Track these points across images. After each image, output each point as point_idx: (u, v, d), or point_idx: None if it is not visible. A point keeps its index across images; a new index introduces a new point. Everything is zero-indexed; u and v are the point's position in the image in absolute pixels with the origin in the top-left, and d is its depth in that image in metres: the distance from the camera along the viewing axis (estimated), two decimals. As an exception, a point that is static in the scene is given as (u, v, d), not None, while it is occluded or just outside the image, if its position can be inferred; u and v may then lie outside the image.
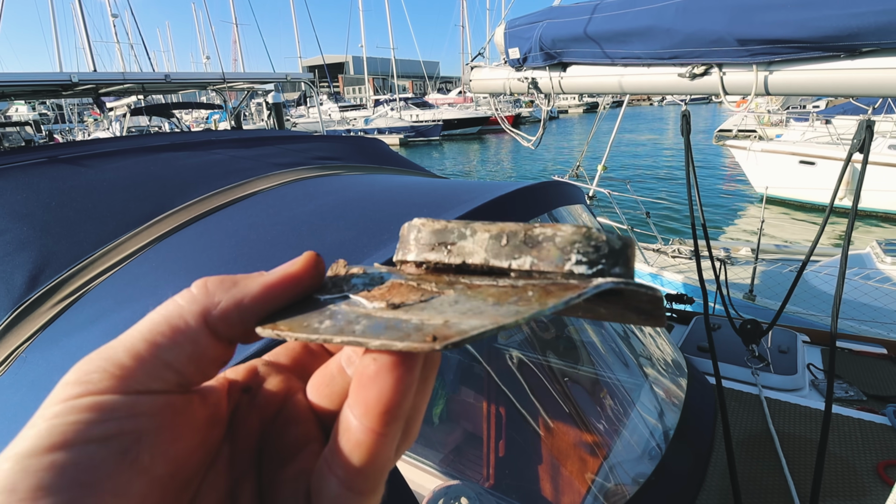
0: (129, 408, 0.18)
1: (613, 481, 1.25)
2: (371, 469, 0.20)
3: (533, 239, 0.21)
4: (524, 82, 2.24)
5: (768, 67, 1.50)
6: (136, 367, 0.19)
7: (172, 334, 0.20)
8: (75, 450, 0.17)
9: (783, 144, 9.59)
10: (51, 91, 2.56)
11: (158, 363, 0.20)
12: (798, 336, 2.06)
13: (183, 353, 0.20)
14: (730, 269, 4.14)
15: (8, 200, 1.35)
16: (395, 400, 0.19)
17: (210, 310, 0.21)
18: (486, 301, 0.19)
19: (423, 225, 0.23)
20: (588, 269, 0.20)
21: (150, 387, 0.19)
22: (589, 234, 0.20)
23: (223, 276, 0.22)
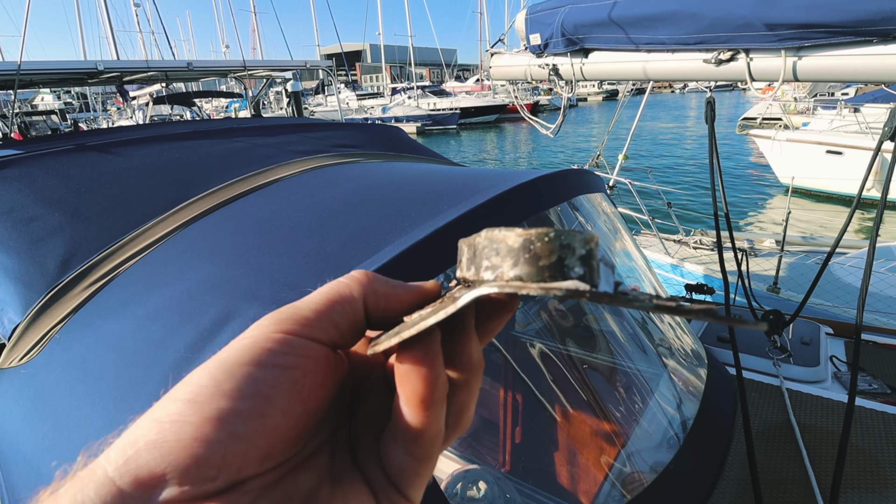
0: (305, 349, 0.23)
1: (631, 469, 1.25)
2: (423, 441, 0.24)
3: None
4: (545, 69, 2.22)
5: (797, 53, 1.46)
6: (314, 320, 0.24)
7: (343, 302, 0.25)
8: (266, 369, 0.22)
9: (809, 133, 9.33)
10: (77, 79, 2.61)
11: (329, 321, 0.25)
12: (821, 328, 2.03)
13: (346, 318, 0.25)
14: (754, 262, 4.07)
15: (40, 186, 1.39)
16: (426, 391, 0.24)
17: (370, 293, 0.26)
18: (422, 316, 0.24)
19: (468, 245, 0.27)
20: (491, 275, 0.23)
21: (320, 337, 0.24)
22: (494, 234, 0.23)
23: (380, 276, 0.28)
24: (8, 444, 0.95)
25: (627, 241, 1.80)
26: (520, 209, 1.24)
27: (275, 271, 1.00)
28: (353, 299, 0.26)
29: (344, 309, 0.25)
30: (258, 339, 0.23)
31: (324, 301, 0.25)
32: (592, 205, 1.71)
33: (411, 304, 0.28)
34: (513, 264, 0.22)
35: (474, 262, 0.24)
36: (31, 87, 2.87)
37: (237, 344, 0.23)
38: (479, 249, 0.24)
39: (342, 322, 0.25)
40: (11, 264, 1.20)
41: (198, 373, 0.22)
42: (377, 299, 0.27)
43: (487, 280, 0.23)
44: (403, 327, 0.25)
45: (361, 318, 0.26)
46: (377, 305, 0.27)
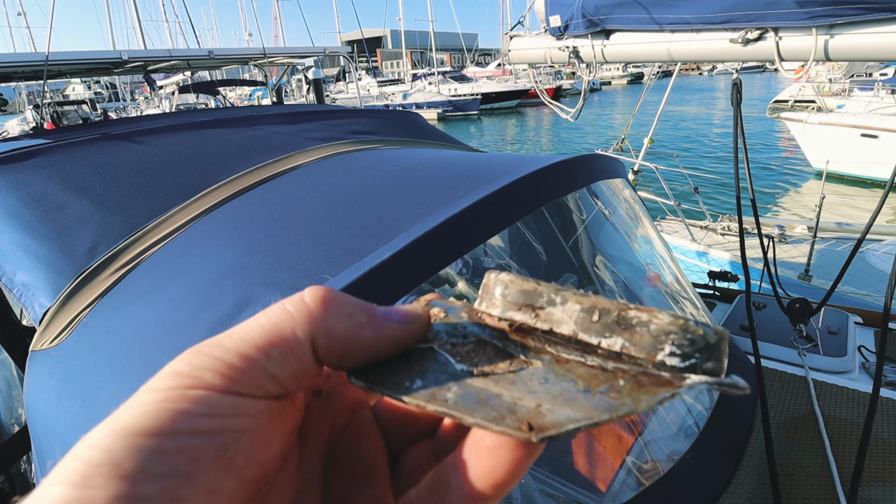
0: (235, 407, 0.19)
1: (647, 457, 1.24)
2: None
3: (626, 321, 0.20)
4: (565, 51, 2.18)
5: (829, 31, 1.40)
6: (245, 371, 0.19)
7: (283, 346, 0.20)
8: (181, 438, 0.17)
9: (843, 116, 8.96)
10: (103, 68, 2.67)
11: (265, 372, 0.20)
12: (850, 317, 1.97)
13: (289, 367, 0.20)
14: (786, 248, 3.96)
15: (68, 175, 1.43)
16: (506, 479, 0.19)
17: (322, 333, 0.21)
18: (576, 384, 0.19)
19: (512, 282, 0.23)
20: (681, 363, 0.19)
21: (252, 391, 0.19)
22: (686, 326, 0.20)
23: (340, 297, 0.22)
24: (40, 422, 0.99)
25: (648, 229, 1.77)
26: (537, 195, 1.23)
27: (292, 258, 1.01)
28: (295, 343, 0.20)
29: (283, 355, 0.20)
30: (169, 398, 0.18)
31: (256, 343, 0.20)
32: (612, 191, 1.69)
33: (380, 350, 0.22)
34: (709, 357, 0.19)
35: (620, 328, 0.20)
36: (60, 77, 2.95)
37: (138, 406, 0.18)
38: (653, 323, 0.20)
39: (283, 372, 0.20)
40: (42, 251, 1.24)
41: (88, 444, 0.17)
42: (331, 342, 0.21)
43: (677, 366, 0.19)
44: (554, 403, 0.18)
45: (309, 365, 0.21)
46: (330, 350, 0.21)
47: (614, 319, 0.21)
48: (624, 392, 0.18)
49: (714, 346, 0.20)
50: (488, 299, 0.24)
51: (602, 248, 1.79)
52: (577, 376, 0.19)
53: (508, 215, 1.13)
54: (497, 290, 0.23)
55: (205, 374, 0.19)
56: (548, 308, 0.22)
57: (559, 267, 1.94)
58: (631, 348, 0.20)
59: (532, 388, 0.19)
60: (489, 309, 0.24)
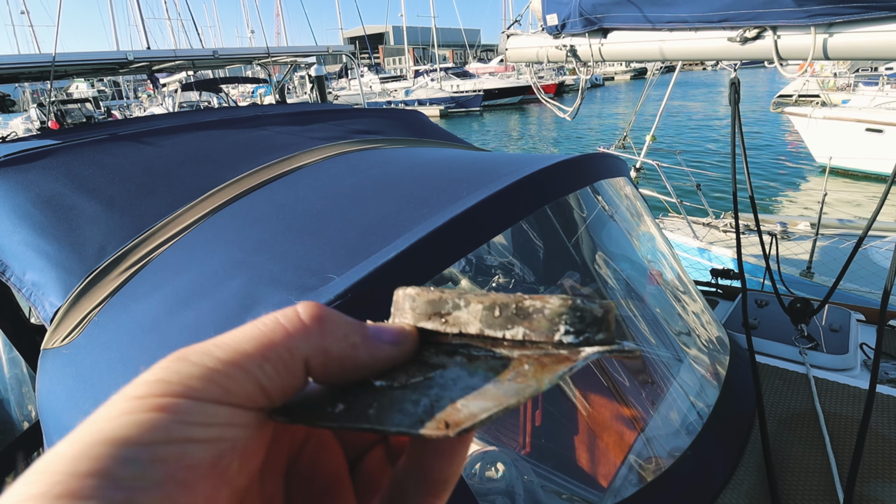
0: (230, 417, 0.18)
1: (649, 453, 1.26)
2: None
3: (524, 310, 0.22)
4: (562, 50, 2.18)
5: (828, 30, 1.40)
6: (238, 382, 0.19)
7: (276, 361, 0.20)
8: (178, 447, 0.17)
9: (848, 111, 8.90)
10: (109, 69, 2.69)
11: (258, 385, 0.19)
12: (852, 314, 1.98)
13: (280, 383, 0.20)
14: (789, 245, 3.95)
15: (77, 175, 1.45)
16: (455, 472, 0.21)
17: (318, 353, 0.21)
18: (486, 377, 0.20)
19: (418, 294, 0.24)
20: (575, 339, 0.21)
21: (243, 402, 0.19)
22: (574, 305, 0.22)
23: (335, 315, 0.22)
24: (53, 420, 1.01)
25: (650, 227, 1.78)
26: (539, 195, 1.24)
27: (298, 257, 1.03)
28: (289, 359, 0.20)
29: (276, 370, 0.20)
30: (159, 406, 0.17)
31: (250, 355, 0.19)
32: (614, 189, 1.70)
33: (373, 369, 0.22)
34: (599, 329, 0.22)
35: (521, 320, 0.22)
36: (66, 78, 2.97)
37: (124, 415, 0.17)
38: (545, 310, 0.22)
39: (271, 386, 0.20)
40: (52, 250, 1.26)
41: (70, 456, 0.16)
42: (327, 363, 0.21)
43: (572, 343, 0.21)
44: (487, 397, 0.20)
45: (299, 382, 0.21)
46: (326, 370, 0.21)
47: (513, 311, 0.22)
48: (529, 375, 0.20)
49: (602, 318, 0.22)
50: (400, 314, 0.25)
51: (604, 246, 1.80)
52: (486, 370, 0.21)
53: (512, 214, 1.14)
54: (406, 304, 0.25)
55: (195, 384, 0.18)
56: (454, 313, 0.23)
57: (561, 265, 1.95)
58: (532, 335, 0.22)
59: (446, 389, 0.20)
60: (402, 323, 0.25)
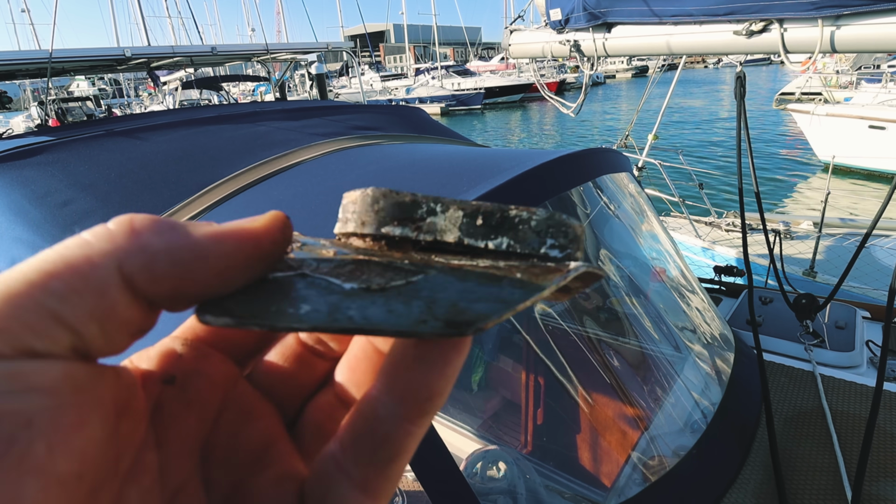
0: (14, 378, 0.13)
1: (654, 452, 1.24)
2: (396, 468, 0.17)
3: (509, 220, 0.21)
4: (566, 45, 2.16)
5: (836, 22, 1.37)
6: (12, 316, 0.13)
7: (69, 277, 0.14)
8: None
9: (850, 108, 8.86)
10: (107, 65, 2.67)
11: (44, 312, 0.14)
12: (858, 311, 1.96)
13: (82, 305, 0.14)
14: (791, 244, 3.93)
15: (72, 171, 1.43)
16: (441, 386, 0.17)
17: (135, 252, 0.15)
18: (479, 282, 0.18)
19: (385, 195, 0.21)
20: (559, 253, 0.20)
21: (33, 346, 0.13)
22: (560, 220, 0.21)
23: (156, 217, 0.16)
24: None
25: (653, 223, 1.76)
26: (542, 189, 1.23)
27: (296, 254, 1.01)
28: (90, 271, 0.14)
29: (70, 287, 0.14)
30: None
31: (27, 278, 0.14)
32: (617, 185, 1.68)
33: (228, 265, 0.17)
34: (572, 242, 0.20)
35: (497, 228, 0.20)
36: (64, 74, 2.95)
37: None
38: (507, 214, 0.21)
39: (72, 312, 0.14)
40: (47, 247, 1.24)
41: None
42: (152, 260, 0.15)
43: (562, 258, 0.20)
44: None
45: (116, 300, 0.15)
46: (153, 270, 0.15)
47: (497, 220, 0.21)
48: (524, 283, 0.18)
49: (579, 237, 0.21)
50: (355, 218, 0.22)
51: (607, 242, 1.78)
52: (476, 276, 0.18)
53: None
54: (366, 205, 0.21)
55: None
56: (429, 218, 0.21)
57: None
58: (517, 246, 0.20)
59: (438, 292, 0.17)
60: (359, 229, 0.21)
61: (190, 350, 0.20)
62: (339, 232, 0.22)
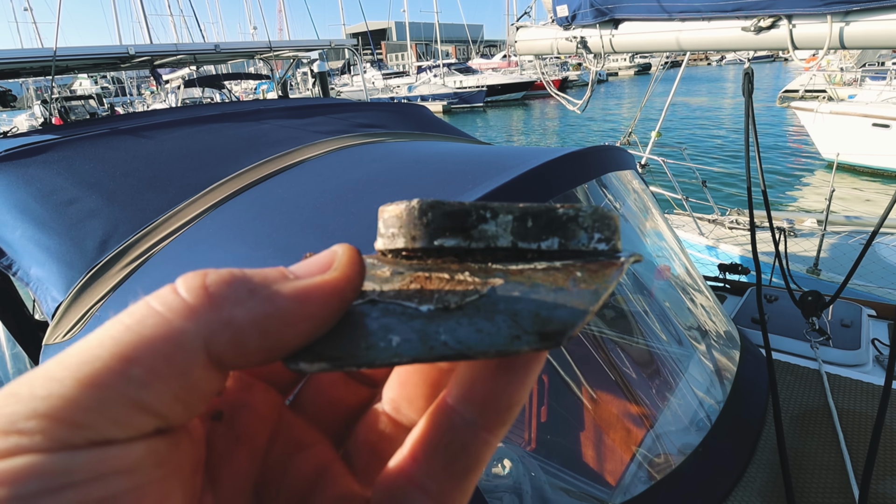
0: (93, 466, 0.12)
1: (659, 450, 1.24)
2: (471, 479, 0.16)
3: (557, 219, 0.21)
4: (572, 42, 2.15)
5: (845, 18, 1.36)
6: (93, 410, 0.13)
7: (150, 361, 0.13)
8: None
9: (854, 105, 8.82)
10: (110, 63, 2.68)
11: (127, 403, 0.13)
12: (863, 310, 1.95)
13: (167, 390, 0.14)
14: (794, 242, 3.92)
15: (78, 170, 1.43)
16: (523, 395, 0.16)
17: (219, 328, 0.14)
18: (546, 287, 0.18)
19: (433, 207, 0.21)
20: (606, 247, 0.21)
21: (114, 434, 0.13)
22: (601, 213, 0.21)
23: (231, 274, 0.16)
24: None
25: (658, 221, 1.76)
26: (546, 187, 1.22)
27: (301, 251, 1.01)
28: (170, 350, 0.14)
29: (153, 371, 0.13)
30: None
31: (106, 365, 0.13)
32: (622, 182, 1.67)
33: (312, 321, 0.16)
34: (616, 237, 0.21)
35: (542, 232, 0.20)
36: (67, 72, 2.96)
37: None
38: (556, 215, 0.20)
39: (152, 397, 0.13)
40: (53, 245, 1.25)
41: None
42: (240, 335, 0.14)
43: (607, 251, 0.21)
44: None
45: (201, 379, 0.14)
46: (243, 345, 0.15)
47: (546, 221, 0.21)
48: (589, 281, 0.18)
49: (618, 227, 0.21)
50: (404, 233, 0.21)
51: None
52: (541, 281, 0.18)
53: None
54: (415, 218, 0.21)
55: (27, 427, 0.12)
56: (480, 226, 0.21)
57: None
58: (567, 244, 0.20)
59: (514, 303, 0.17)
60: (409, 244, 0.21)
61: (234, 383, 0.19)
62: (384, 248, 0.22)
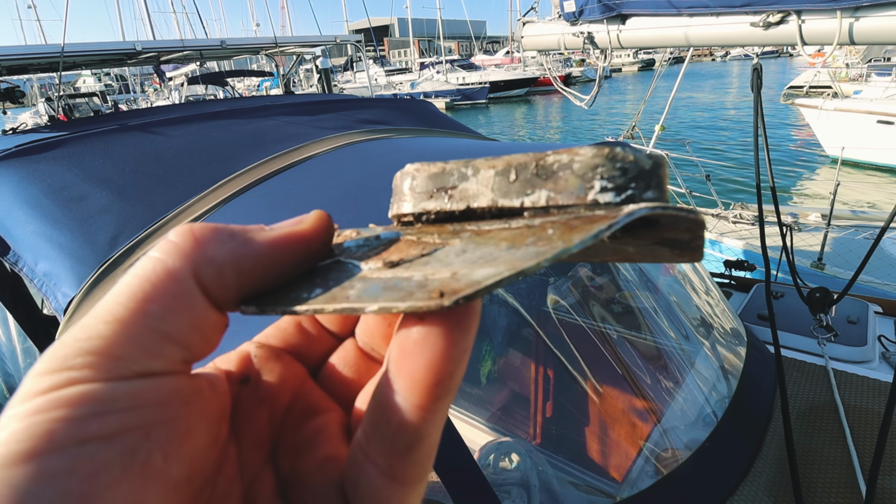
0: (132, 396, 0.15)
1: (666, 445, 1.24)
2: (419, 454, 0.16)
3: (547, 168, 0.18)
4: (580, 37, 2.15)
5: (854, 13, 1.36)
6: (123, 340, 0.15)
7: (161, 297, 0.16)
8: (68, 452, 0.13)
9: (858, 102, 8.77)
10: (117, 60, 2.68)
11: (153, 332, 0.16)
12: (870, 306, 1.95)
13: (181, 319, 0.16)
14: (798, 236, 3.91)
15: (88, 166, 1.44)
16: (448, 368, 0.16)
17: (204, 264, 0.17)
18: (498, 246, 0.16)
19: (418, 170, 0.20)
20: (616, 197, 0.17)
21: (150, 367, 0.15)
22: (613, 154, 0.17)
23: (215, 225, 0.18)
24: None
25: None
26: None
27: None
28: (175, 286, 0.16)
29: (167, 305, 0.16)
30: (39, 408, 0.14)
31: (126, 303, 0.16)
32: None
33: (279, 263, 0.18)
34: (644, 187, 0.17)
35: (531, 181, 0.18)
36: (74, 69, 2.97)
37: (6, 426, 0.14)
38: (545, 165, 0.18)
39: (176, 327, 0.16)
40: (65, 240, 1.26)
41: None
42: (220, 270, 0.17)
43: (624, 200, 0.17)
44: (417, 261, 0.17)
45: (204, 310, 0.17)
46: (222, 279, 0.17)
47: (533, 172, 0.18)
48: (554, 238, 0.16)
49: (651, 171, 0.17)
50: (398, 199, 0.21)
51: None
52: (500, 240, 0.17)
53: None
54: (405, 184, 0.21)
55: (76, 363, 0.14)
56: (460, 185, 0.19)
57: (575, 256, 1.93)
58: (557, 197, 0.18)
59: (448, 263, 0.16)
60: (400, 209, 0.21)
61: (263, 353, 0.22)
62: (391, 215, 0.22)
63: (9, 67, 2.19)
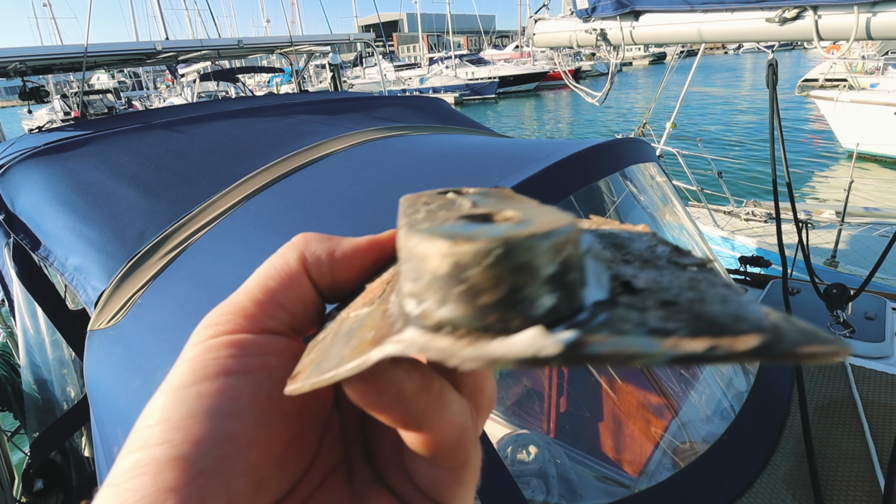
0: (259, 346, 0.20)
1: (684, 438, 1.26)
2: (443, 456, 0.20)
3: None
4: (592, 34, 2.15)
5: (872, 8, 1.35)
6: (257, 310, 0.21)
7: (280, 277, 0.22)
8: (219, 381, 0.18)
9: (876, 94, 8.60)
10: (137, 59, 2.73)
11: (274, 304, 0.21)
12: (887, 302, 1.94)
13: (292, 294, 0.22)
14: (811, 233, 3.89)
15: (115, 163, 1.48)
16: (406, 421, 0.18)
17: (308, 254, 0.23)
18: (333, 349, 0.18)
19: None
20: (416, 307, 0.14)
21: (270, 326, 0.21)
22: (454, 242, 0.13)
23: (320, 234, 0.24)
24: (101, 397, 1.05)
25: (680, 213, 1.76)
26: (572, 180, 1.24)
27: (336, 242, 1.04)
28: (292, 271, 0.22)
29: (286, 284, 0.22)
30: (200, 352, 0.19)
31: (260, 283, 0.22)
32: (644, 175, 1.68)
33: (363, 265, 0.23)
34: (440, 301, 0.13)
35: (400, 277, 0.15)
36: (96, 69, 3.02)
37: (178, 366, 0.20)
38: (402, 258, 0.15)
39: (290, 301, 0.22)
40: (94, 236, 1.29)
41: (146, 411, 0.19)
42: (318, 263, 0.22)
43: (412, 318, 0.14)
44: (325, 357, 0.18)
45: (311, 292, 0.22)
46: (321, 271, 0.22)
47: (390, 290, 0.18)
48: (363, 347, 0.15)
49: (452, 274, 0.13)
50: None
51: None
52: (334, 341, 0.19)
53: (546, 199, 1.14)
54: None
55: (222, 320, 0.21)
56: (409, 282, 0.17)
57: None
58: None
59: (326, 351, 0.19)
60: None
61: None
62: None
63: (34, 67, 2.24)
